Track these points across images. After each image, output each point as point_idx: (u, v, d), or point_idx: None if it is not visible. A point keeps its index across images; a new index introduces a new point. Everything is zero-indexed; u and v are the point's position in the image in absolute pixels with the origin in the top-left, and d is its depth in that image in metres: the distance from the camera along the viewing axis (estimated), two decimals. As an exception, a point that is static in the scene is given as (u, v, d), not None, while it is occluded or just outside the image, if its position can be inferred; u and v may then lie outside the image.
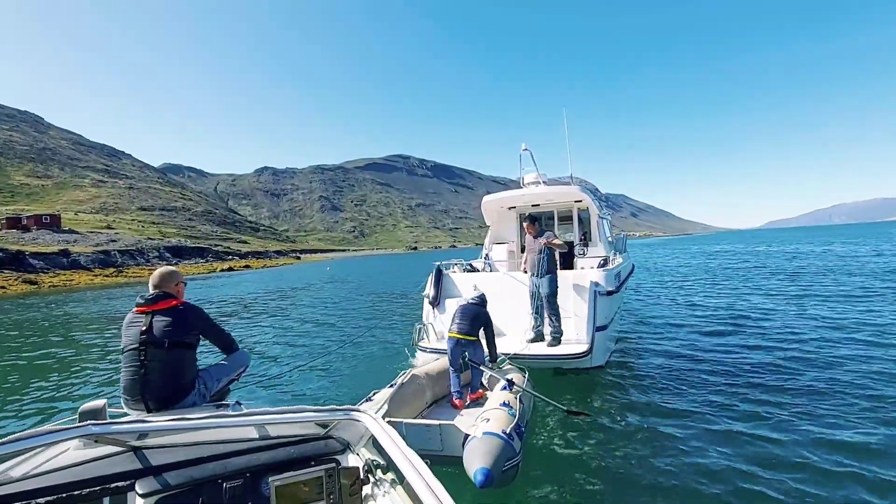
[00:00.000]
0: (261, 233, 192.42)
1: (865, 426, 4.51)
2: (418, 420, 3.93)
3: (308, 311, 16.56)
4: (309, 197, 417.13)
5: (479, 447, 3.28)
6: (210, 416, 1.73)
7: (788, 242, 52.22)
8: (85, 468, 1.67)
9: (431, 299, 8.00)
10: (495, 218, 10.11)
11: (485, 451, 3.23)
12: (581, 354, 6.19)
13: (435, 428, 3.74)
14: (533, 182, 9.82)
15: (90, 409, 1.98)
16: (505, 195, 9.47)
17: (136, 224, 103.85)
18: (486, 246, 10.03)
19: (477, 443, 3.33)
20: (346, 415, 1.87)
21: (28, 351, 10.82)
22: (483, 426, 3.51)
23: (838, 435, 4.34)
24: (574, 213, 9.33)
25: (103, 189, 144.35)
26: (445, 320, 7.80)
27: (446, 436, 3.71)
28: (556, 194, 9.09)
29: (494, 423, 3.56)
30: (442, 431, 3.72)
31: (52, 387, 7.66)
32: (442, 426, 3.72)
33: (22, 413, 6.42)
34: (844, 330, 8.50)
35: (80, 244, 57.27)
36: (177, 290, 2.99)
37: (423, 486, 1.31)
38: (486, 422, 3.59)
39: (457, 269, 8.89)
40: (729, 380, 6.18)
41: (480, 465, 3.11)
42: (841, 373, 6.15)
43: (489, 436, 3.38)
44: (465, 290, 8.24)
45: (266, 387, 6.99)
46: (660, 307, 12.55)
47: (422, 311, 8.33)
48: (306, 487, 1.82)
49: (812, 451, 4.05)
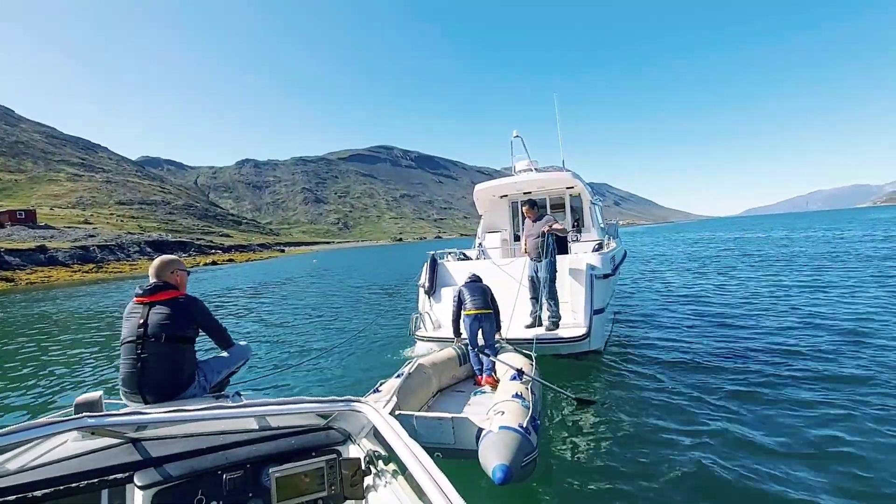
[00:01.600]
0: (243, 226, 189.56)
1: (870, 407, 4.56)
2: (431, 413, 3.86)
3: (300, 303, 16.41)
4: (292, 189, 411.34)
5: (496, 442, 3.20)
6: (209, 407, 1.70)
7: (781, 228, 52.98)
8: (82, 460, 1.66)
9: (427, 289, 8.01)
10: (487, 206, 10.09)
11: (502, 446, 3.15)
12: (579, 338, 6.24)
13: (447, 422, 3.67)
14: (525, 169, 9.84)
15: (86, 401, 1.96)
16: (496, 183, 9.45)
17: (114, 218, 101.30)
18: (478, 234, 10.04)
19: (493, 438, 3.25)
20: (347, 405, 1.86)
21: (10, 346, 10.54)
22: (498, 420, 3.43)
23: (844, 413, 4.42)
24: (567, 200, 9.37)
25: (79, 183, 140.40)
26: (441, 309, 7.82)
27: (459, 429, 3.64)
28: (549, 181, 9.11)
29: (510, 416, 3.49)
30: (455, 425, 3.65)
31: (44, 383, 7.48)
32: (455, 420, 3.65)
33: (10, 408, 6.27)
34: (842, 313, 8.57)
35: (57, 240, 55.73)
36: (177, 280, 2.92)
37: (425, 476, 1.32)
38: (501, 415, 3.51)
39: (451, 258, 8.91)
40: (727, 362, 6.24)
41: (499, 461, 3.03)
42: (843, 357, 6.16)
43: (505, 430, 3.30)
44: (460, 278, 8.23)
45: (264, 379, 6.90)
46: (649, 293, 12.70)
47: (417, 301, 8.35)
48: (307, 478, 1.82)
49: (825, 434, 4.08)
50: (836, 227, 43.56)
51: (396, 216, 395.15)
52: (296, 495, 1.79)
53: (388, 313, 12.32)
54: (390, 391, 4.04)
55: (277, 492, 1.75)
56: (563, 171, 9.51)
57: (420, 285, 8.14)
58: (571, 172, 8.88)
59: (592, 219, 9.29)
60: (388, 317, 11.68)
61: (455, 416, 3.68)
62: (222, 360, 3.00)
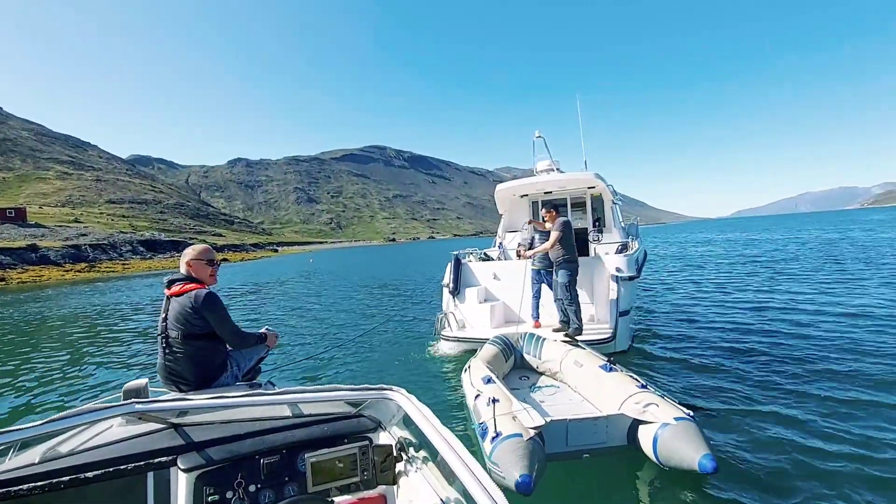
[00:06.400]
0: (235, 225, 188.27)
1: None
2: (583, 415, 3.80)
3: (308, 301, 16.28)
4: (284, 189, 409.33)
5: (682, 434, 3.16)
6: (248, 394, 1.79)
7: (783, 230, 52.18)
8: (129, 444, 1.74)
9: (451, 289, 8.00)
10: (508, 206, 10.06)
11: (694, 435, 3.13)
12: (605, 340, 6.25)
13: (602, 420, 3.66)
14: (546, 169, 9.81)
15: (134, 388, 2.12)
16: (518, 183, 9.43)
17: (104, 217, 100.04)
18: (499, 234, 10.00)
19: (677, 430, 3.20)
20: (379, 393, 1.89)
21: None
22: (661, 412, 3.40)
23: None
24: (588, 200, 9.34)
25: (69, 181, 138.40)
26: (465, 309, 7.82)
27: (612, 426, 3.64)
28: (570, 181, 9.08)
29: (667, 406, 3.47)
30: (608, 422, 3.65)
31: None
32: (609, 417, 3.66)
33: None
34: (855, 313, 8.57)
35: (48, 238, 54.83)
36: (200, 272, 2.81)
37: (457, 462, 1.32)
38: (657, 406, 3.48)
39: (472, 257, 8.89)
40: (747, 360, 6.24)
41: (705, 450, 2.99)
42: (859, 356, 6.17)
43: (685, 421, 3.26)
44: (483, 278, 8.24)
45: (293, 371, 6.94)
46: (664, 292, 12.70)
47: (441, 301, 8.32)
48: (341, 464, 1.92)
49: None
50: (844, 228, 43.40)
51: (389, 216, 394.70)
52: (330, 479, 1.90)
53: (408, 311, 12.32)
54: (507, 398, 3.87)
55: (313, 476, 1.87)
56: (585, 171, 9.48)
57: (444, 285, 8.15)
58: (594, 173, 8.85)
59: (614, 219, 9.26)
60: (408, 315, 11.64)
61: (610, 414, 3.68)
62: (251, 348, 2.99)
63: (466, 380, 4.78)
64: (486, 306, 7.65)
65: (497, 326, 7.59)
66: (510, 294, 8.07)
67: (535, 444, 3.13)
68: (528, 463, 2.92)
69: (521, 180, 9.45)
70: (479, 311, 7.67)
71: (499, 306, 7.87)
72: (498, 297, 8.12)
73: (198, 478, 1.72)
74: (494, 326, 7.55)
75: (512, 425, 3.28)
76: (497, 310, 7.78)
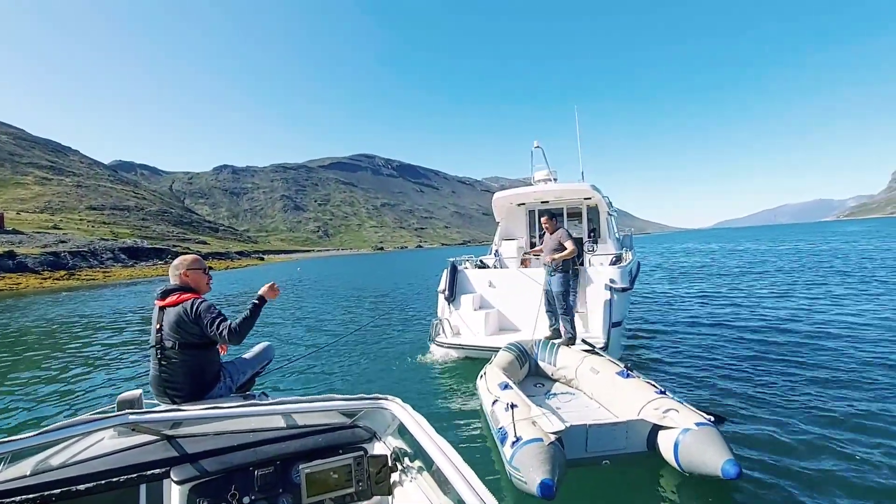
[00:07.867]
0: (220, 233, 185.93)
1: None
2: (602, 420, 3.77)
3: (299, 311, 16.00)
4: (270, 196, 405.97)
5: (706, 439, 3.12)
6: (242, 405, 1.78)
7: (762, 241, 53.38)
8: (122, 456, 1.71)
9: (447, 295, 8.04)
10: (505, 214, 10.09)
11: (716, 441, 3.09)
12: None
13: (621, 426, 3.64)
14: (543, 179, 9.87)
15: (128, 399, 2.07)
16: (515, 192, 9.47)
17: (85, 224, 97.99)
18: (495, 242, 9.99)
19: (699, 435, 3.16)
20: (374, 403, 1.87)
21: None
22: (682, 417, 3.36)
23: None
24: (583, 211, 9.36)
25: (48, 187, 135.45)
26: (461, 315, 7.81)
27: (632, 432, 3.63)
28: (566, 191, 9.12)
29: (687, 412, 3.44)
30: (628, 428, 3.63)
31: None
32: (629, 423, 3.64)
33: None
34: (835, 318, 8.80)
35: (26, 245, 53.38)
36: (198, 282, 2.79)
37: (453, 471, 1.31)
38: (677, 412, 3.45)
39: (468, 265, 8.90)
40: (759, 368, 6.25)
41: (728, 456, 2.96)
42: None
43: (706, 426, 3.22)
44: (479, 285, 8.25)
45: (285, 381, 6.83)
46: (661, 302, 12.77)
47: (436, 307, 8.30)
48: (335, 475, 1.91)
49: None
50: (826, 239, 44.47)
51: (377, 225, 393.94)
52: (325, 491, 1.89)
53: (402, 318, 12.27)
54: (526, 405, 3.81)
55: (307, 487, 1.85)
56: (582, 182, 9.52)
57: (440, 292, 8.18)
58: (590, 184, 8.89)
59: (609, 230, 9.29)
60: (400, 322, 11.58)
61: (630, 420, 3.67)
62: (246, 362, 3.00)
63: (482, 385, 4.75)
64: (481, 313, 7.67)
65: (491, 334, 7.62)
66: (505, 302, 8.09)
67: (556, 449, 3.09)
68: (549, 467, 2.87)
69: (518, 189, 9.49)
70: (474, 318, 7.71)
71: (493, 314, 7.89)
72: (493, 304, 8.14)
73: (191, 490, 1.70)
74: (489, 334, 7.57)
75: (532, 430, 3.24)
76: (492, 317, 7.80)
